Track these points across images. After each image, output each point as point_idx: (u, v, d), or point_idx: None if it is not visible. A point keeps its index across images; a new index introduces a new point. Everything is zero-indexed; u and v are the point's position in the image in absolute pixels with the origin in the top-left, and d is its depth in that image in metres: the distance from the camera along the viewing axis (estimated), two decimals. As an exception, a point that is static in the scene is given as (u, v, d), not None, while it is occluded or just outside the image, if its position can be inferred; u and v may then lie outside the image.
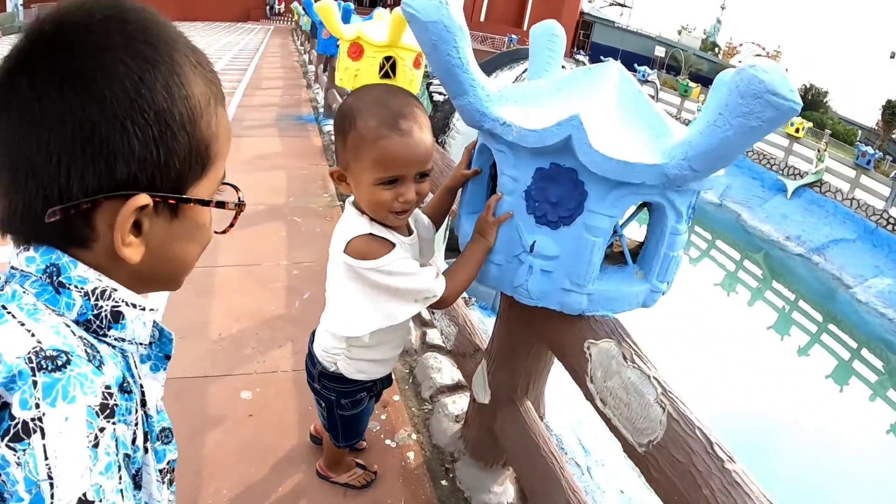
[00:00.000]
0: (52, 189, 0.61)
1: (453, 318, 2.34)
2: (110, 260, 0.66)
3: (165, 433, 0.78)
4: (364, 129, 1.28)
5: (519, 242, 1.36)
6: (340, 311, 1.54)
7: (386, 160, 1.28)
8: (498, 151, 1.37)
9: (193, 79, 0.68)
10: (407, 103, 1.32)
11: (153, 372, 0.76)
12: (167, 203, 0.67)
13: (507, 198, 1.35)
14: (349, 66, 4.47)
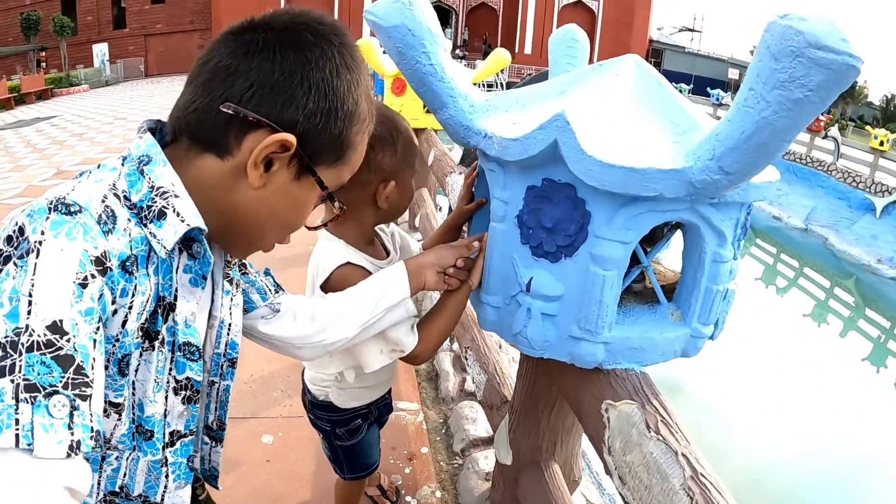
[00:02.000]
0: (233, 99, 0.76)
1: (484, 366, 2.10)
2: (230, 179, 0.80)
3: (191, 349, 0.85)
4: (405, 132, 1.36)
5: (515, 280, 1.12)
6: None
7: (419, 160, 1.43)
8: (489, 172, 1.15)
9: (365, 98, 0.87)
10: None
11: (191, 285, 0.84)
12: (301, 163, 0.82)
13: (499, 226, 1.12)
14: (393, 101, 4.39)
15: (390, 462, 2.36)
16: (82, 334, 0.64)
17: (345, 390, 1.58)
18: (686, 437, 1.02)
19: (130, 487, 0.88)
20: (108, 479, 0.85)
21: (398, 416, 2.65)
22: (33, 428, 0.58)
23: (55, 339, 0.61)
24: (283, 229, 0.91)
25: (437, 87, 1.12)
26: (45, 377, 0.60)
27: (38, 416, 0.58)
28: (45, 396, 0.59)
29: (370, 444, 1.75)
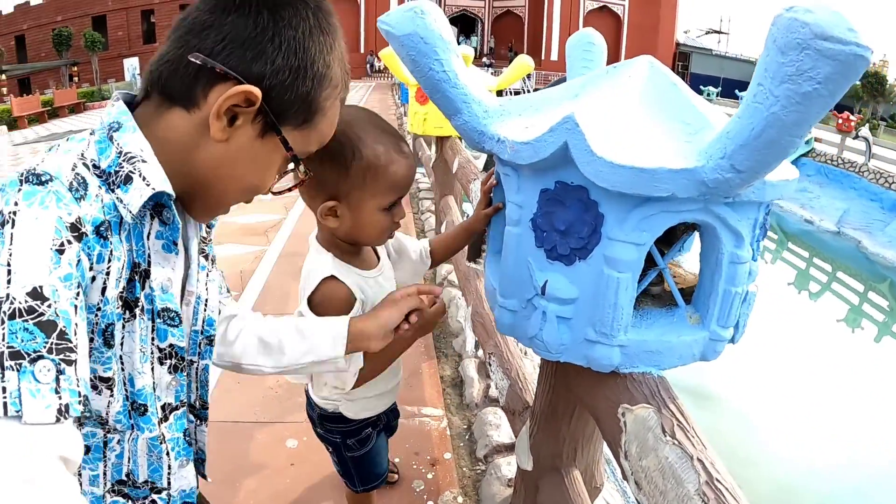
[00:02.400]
0: (203, 51, 0.76)
1: (506, 371, 2.10)
2: (196, 134, 0.80)
3: (171, 315, 0.86)
4: (373, 157, 1.24)
5: (531, 283, 1.12)
6: None
7: (396, 183, 1.28)
8: (504, 176, 1.16)
9: (338, 63, 0.86)
10: (389, 123, 1.34)
11: (164, 251, 0.85)
12: (266, 120, 0.81)
13: (514, 230, 1.13)
14: (418, 110, 4.40)
15: (413, 467, 2.37)
16: (63, 300, 0.64)
17: (355, 401, 1.57)
18: (702, 441, 1.01)
19: (136, 473, 0.90)
20: (114, 467, 0.87)
21: (422, 421, 2.66)
22: (21, 394, 0.58)
23: (36, 306, 0.62)
24: (246, 190, 0.89)
25: (450, 93, 1.13)
26: (28, 343, 0.60)
27: (25, 382, 0.59)
28: (31, 362, 0.60)
29: (379, 453, 1.75)
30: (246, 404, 2.82)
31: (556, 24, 44.25)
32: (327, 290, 1.31)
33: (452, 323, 3.56)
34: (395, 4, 39.19)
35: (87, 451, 0.85)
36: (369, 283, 1.40)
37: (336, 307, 1.31)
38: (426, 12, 1.09)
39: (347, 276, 1.34)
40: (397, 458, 2.40)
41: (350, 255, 1.40)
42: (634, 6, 45.40)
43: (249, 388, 2.95)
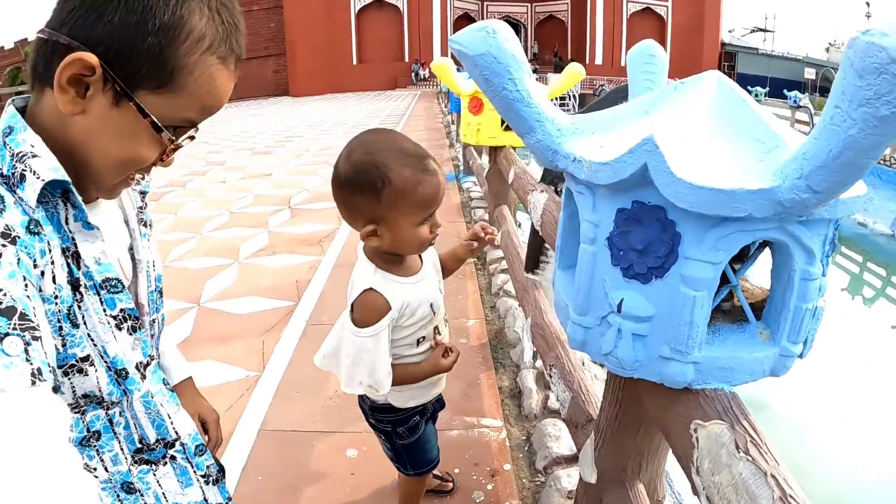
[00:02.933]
0: (53, 24, 0.76)
1: (568, 384, 2.10)
2: (61, 113, 0.77)
3: (112, 283, 0.89)
4: (401, 181, 1.38)
5: (606, 301, 1.13)
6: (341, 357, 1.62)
7: (426, 201, 1.42)
8: (578, 194, 1.17)
9: (202, 14, 0.78)
10: (414, 143, 1.47)
11: (85, 230, 0.85)
12: (115, 87, 0.77)
13: (590, 248, 1.14)
14: (471, 121, 4.44)
15: (472, 478, 2.38)
16: (15, 291, 0.68)
17: (402, 392, 1.70)
18: (775, 458, 1.00)
19: (146, 437, 0.98)
20: (126, 439, 0.96)
21: (481, 432, 2.67)
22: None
23: None
24: (121, 164, 0.84)
25: (524, 112, 1.14)
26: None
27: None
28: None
29: (429, 440, 1.87)
30: (305, 413, 2.87)
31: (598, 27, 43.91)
32: (366, 299, 1.49)
33: (509, 333, 3.56)
34: (437, 15, 39.51)
35: (99, 436, 0.92)
36: (408, 289, 1.55)
37: (372, 315, 1.49)
38: (498, 31, 1.11)
39: (387, 286, 1.51)
40: (457, 469, 2.42)
41: (392, 264, 1.55)
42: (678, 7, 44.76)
43: (309, 397, 3.01)
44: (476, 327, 3.76)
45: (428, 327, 1.64)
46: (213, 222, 7.09)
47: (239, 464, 2.58)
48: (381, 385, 1.53)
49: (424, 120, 17.49)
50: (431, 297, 1.63)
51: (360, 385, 1.55)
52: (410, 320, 1.57)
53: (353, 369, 1.53)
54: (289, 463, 2.54)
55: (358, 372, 1.53)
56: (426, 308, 1.59)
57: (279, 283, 4.83)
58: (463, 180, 8.24)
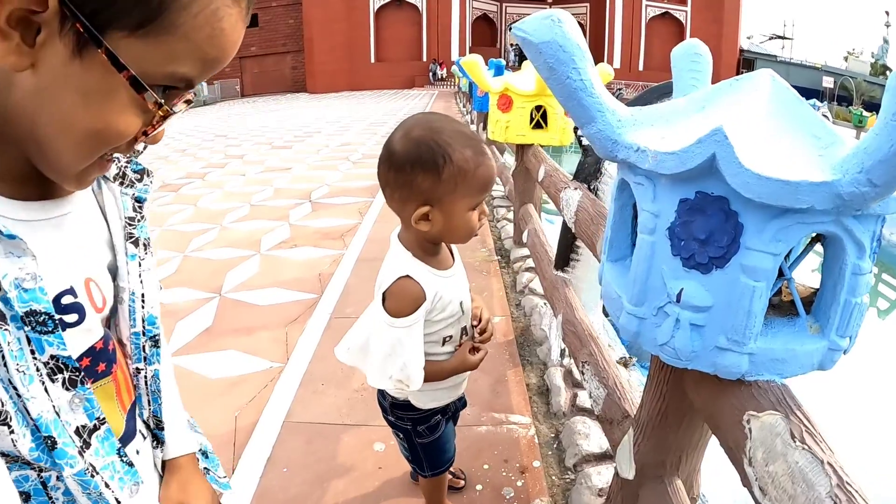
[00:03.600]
0: None
1: (603, 380, 2.10)
2: (3, 71, 0.56)
3: (39, 318, 0.64)
4: (462, 161, 1.35)
5: (663, 291, 1.14)
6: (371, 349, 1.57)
7: (483, 184, 1.40)
8: (636, 185, 1.17)
9: None
10: (469, 127, 1.49)
11: (6, 238, 0.61)
12: (76, 28, 0.53)
13: (649, 238, 1.14)
14: (499, 118, 4.43)
15: (502, 474, 2.38)
16: None
17: (424, 392, 1.64)
18: (830, 447, 1.02)
19: None
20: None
21: (510, 428, 2.67)
22: None
23: None
24: (86, 142, 0.62)
25: (586, 101, 1.15)
26: None
27: None
28: None
29: (448, 440, 1.83)
30: (332, 406, 2.87)
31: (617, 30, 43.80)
32: (402, 286, 1.44)
33: (536, 331, 3.57)
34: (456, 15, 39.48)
35: (28, 497, 0.70)
36: (443, 282, 1.51)
37: (407, 303, 1.43)
38: (563, 21, 1.12)
39: (423, 275, 1.45)
40: (486, 465, 2.42)
41: (429, 255, 1.51)
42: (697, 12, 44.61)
43: (335, 389, 3.01)
44: (502, 324, 3.76)
45: (456, 326, 1.59)
46: (233, 214, 7.11)
47: (263, 455, 2.55)
48: (412, 380, 1.48)
49: (442, 119, 17.43)
50: (462, 294, 1.59)
51: (390, 379, 1.49)
52: (440, 315, 1.52)
53: (385, 363, 1.48)
54: (316, 455, 2.52)
55: (389, 365, 1.47)
56: (456, 305, 1.56)
57: (302, 275, 4.83)
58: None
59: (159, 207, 7.91)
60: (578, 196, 2.58)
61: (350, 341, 1.67)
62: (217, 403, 3.04)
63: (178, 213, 7.43)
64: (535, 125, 4.27)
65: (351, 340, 1.67)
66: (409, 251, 1.49)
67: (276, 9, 40.85)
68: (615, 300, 1.31)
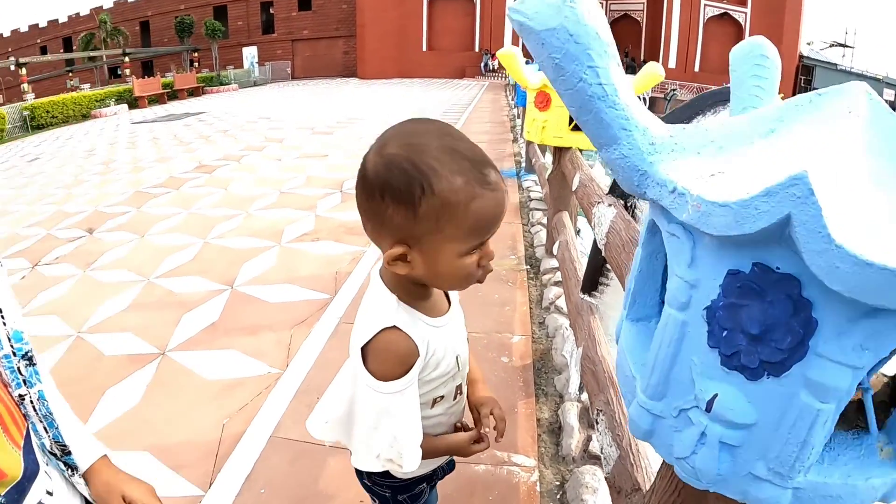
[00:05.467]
0: None
1: (617, 438, 1.77)
2: None
3: None
4: (449, 192, 0.98)
5: (690, 390, 0.81)
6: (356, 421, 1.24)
7: (481, 224, 1.02)
8: (669, 236, 0.84)
9: None
10: (472, 142, 1.05)
11: None
12: None
13: (678, 315, 0.81)
14: (536, 117, 4.08)
15: (496, 526, 2.08)
16: None
17: None
18: None
19: None
20: None
21: (510, 471, 2.36)
22: None
23: None
24: None
25: (606, 115, 0.82)
26: None
27: None
28: None
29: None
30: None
31: (674, 29, 42.69)
32: (388, 341, 1.10)
33: (556, 357, 3.23)
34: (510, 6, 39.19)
35: None
36: (436, 333, 1.18)
37: (395, 362, 1.11)
38: (577, 1, 0.79)
39: (413, 326, 1.12)
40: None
41: (418, 299, 1.17)
42: (757, 14, 43.18)
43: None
44: (521, 345, 3.44)
45: (450, 384, 1.28)
46: (261, 201, 7.00)
47: (243, 472, 2.44)
48: (405, 459, 1.15)
49: (490, 112, 17.13)
50: (458, 347, 1.27)
51: (378, 459, 1.17)
52: (433, 373, 1.20)
53: (371, 438, 1.16)
54: (297, 478, 2.36)
55: (377, 441, 1.15)
56: (451, 360, 1.24)
57: (318, 272, 4.63)
58: (524, 178, 7.90)
59: (190, 189, 7.88)
60: (612, 214, 2.24)
61: (328, 412, 1.34)
62: (208, 408, 2.95)
63: (208, 197, 7.42)
64: (574, 126, 3.91)
65: (329, 411, 1.34)
66: (393, 293, 1.15)
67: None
68: (627, 379, 0.99)
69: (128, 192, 8.06)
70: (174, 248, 5.43)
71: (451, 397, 1.31)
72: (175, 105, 22.78)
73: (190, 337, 3.69)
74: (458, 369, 1.28)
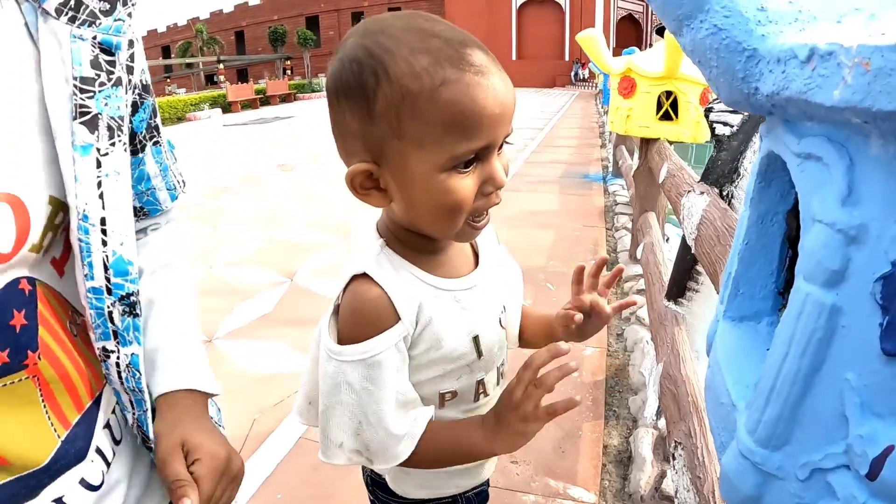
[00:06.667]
0: None
1: (697, 482, 1.39)
2: None
3: None
4: (409, 76, 0.71)
5: (837, 432, 0.44)
6: None
7: (464, 121, 0.71)
8: (803, 160, 0.47)
9: None
10: (454, 26, 0.76)
11: None
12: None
13: (823, 295, 0.44)
14: (620, 105, 3.70)
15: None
16: None
17: (410, 474, 1.02)
18: None
19: None
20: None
21: (568, 506, 2.00)
22: None
23: None
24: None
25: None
26: None
27: None
28: None
29: None
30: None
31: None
32: (352, 293, 0.83)
33: (633, 374, 2.82)
34: (600, 15, 38.58)
35: None
36: (441, 298, 0.87)
37: (356, 322, 0.82)
38: None
39: (396, 278, 0.83)
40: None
41: (418, 250, 0.88)
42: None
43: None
44: (594, 358, 3.06)
45: (464, 378, 0.93)
46: (333, 199, 7.01)
47: (264, 473, 2.28)
48: (378, 453, 0.84)
49: (579, 118, 16.76)
50: (482, 323, 0.91)
51: (342, 450, 0.86)
52: (434, 353, 0.87)
53: (328, 421, 0.86)
54: (315, 487, 2.18)
55: (334, 427, 0.85)
56: (465, 341, 0.89)
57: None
58: (610, 182, 7.61)
59: (267, 186, 8.07)
60: (704, 203, 1.86)
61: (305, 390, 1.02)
62: (242, 400, 2.81)
63: (282, 193, 7.66)
64: (662, 115, 3.49)
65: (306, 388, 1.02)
66: (381, 237, 0.88)
67: (419, 3, 42.67)
68: (722, 408, 0.62)
69: (208, 186, 8.17)
70: (241, 240, 5.45)
71: (471, 397, 0.95)
72: (266, 110, 23.46)
73: (239, 326, 3.63)
74: (479, 357, 0.91)
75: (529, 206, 6.18)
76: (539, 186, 7.39)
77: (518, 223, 5.50)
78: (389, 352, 0.81)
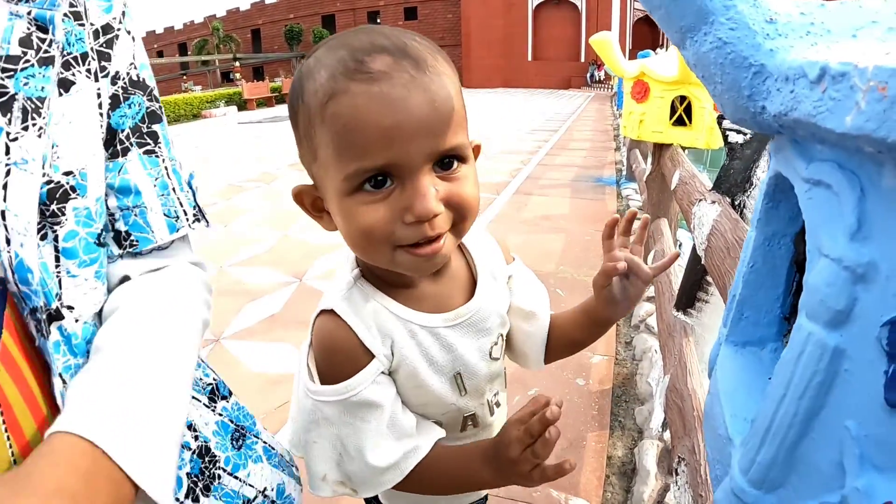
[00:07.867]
0: None
1: (698, 500, 1.35)
2: None
3: None
4: (310, 94, 0.68)
5: (833, 480, 0.41)
6: None
7: (356, 136, 0.64)
8: (811, 186, 0.44)
9: None
10: (390, 31, 0.69)
11: None
12: None
13: (827, 336, 0.40)
14: (633, 109, 3.65)
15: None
16: None
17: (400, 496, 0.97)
18: None
19: None
20: None
21: (570, 519, 1.96)
22: None
23: None
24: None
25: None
26: None
27: None
28: None
29: None
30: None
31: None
32: (318, 329, 0.80)
33: (641, 384, 2.78)
34: (616, 17, 38.31)
35: None
36: (416, 334, 0.81)
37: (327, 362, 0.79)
38: None
39: (362, 313, 0.79)
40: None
41: (392, 282, 0.82)
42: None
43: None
44: (601, 367, 3.01)
45: (451, 412, 0.89)
46: None
47: None
48: (361, 483, 0.81)
49: (593, 121, 16.60)
50: (464, 361, 0.86)
51: (325, 483, 0.83)
52: (409, 385, 0.83)
53: (310, 452, 0.83)
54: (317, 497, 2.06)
55: (316, 460, 0.82)
56: (444, 380, 0.85)
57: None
58: (623, 186, 7.48)
59: (280, 185, 8.01)
60: (715, 213, 1.82)
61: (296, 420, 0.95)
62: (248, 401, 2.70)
63: None
64: (676, 120, 3.44)
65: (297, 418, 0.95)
66: (357, 266, 0.84)
67: (435, 3, 42.71)
68: (719, 439, 0.60)
69: (221, 184, 8.16)
70: (253, 240, 5.43)
71: (457, 427, 0.92)
72: (282, 108, 23.47)
73: (246, 326, 3.60)
74: (462, 393, 0.88)
75: (541, 211, 6.11)
76: (551, 190, 7.33)
77: (529, 227, 5.45)
78: (368, 388, 0.77)
